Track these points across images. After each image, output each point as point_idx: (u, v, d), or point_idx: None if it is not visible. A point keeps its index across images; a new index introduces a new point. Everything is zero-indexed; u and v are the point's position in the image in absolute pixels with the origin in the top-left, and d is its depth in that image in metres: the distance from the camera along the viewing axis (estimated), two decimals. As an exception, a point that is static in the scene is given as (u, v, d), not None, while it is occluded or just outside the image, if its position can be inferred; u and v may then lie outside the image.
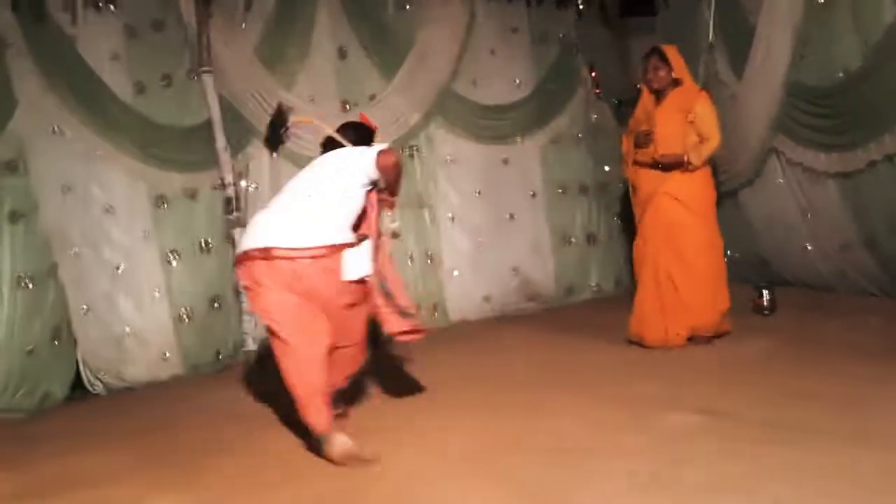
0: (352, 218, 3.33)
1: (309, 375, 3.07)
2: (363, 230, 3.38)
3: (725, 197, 5.82)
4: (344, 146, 3.44)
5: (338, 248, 3.23)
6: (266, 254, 3.12)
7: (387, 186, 3.39)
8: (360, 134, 3.59)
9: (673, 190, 4.30)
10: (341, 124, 3.67)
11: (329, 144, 3.53)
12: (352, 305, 3.35)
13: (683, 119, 4.27)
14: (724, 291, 4.31)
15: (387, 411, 3.65)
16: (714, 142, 4.26)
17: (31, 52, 4.66)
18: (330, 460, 2.96)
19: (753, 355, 3.93)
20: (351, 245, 3.29)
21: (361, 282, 3.34)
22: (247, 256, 3.20)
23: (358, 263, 3.30)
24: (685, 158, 4.27)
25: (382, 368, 4.61)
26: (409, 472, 2.80)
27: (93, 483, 3.07)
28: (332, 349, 3.20)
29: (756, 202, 5.71)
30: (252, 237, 3.25)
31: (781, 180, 5.41)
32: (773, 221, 5.59)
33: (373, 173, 3.25)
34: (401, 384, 4.15)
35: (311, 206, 3.23)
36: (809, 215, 5.19)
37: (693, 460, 2.60)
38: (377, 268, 3.37)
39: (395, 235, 3.58)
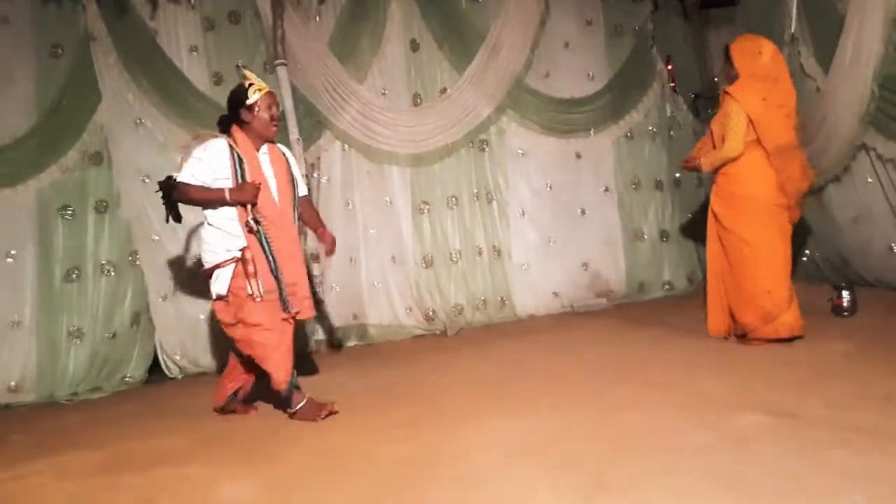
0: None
1: None
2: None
3: (809, 194, 5.59)
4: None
5: None
6: None
7: None
8: (220, 121, 3.70)
9: (717, 186, 4.25)
10: None
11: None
12: None
13: (717, 120, 4.19)
14: (757, 295, 4.05)
15: (452, 403, 3.64)
16: (725, 150, 4.06)
17: (114, 46, 4.87)
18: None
19: (830, 357, 3.76)
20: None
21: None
22: None
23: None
24: (697, 164, 4.26)
25: (447, 361, 4.64)
26: (473, 464, 2.79)
27: (169, 462, 3.17)
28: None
29: (842, 200, 5.47)
30: None
31: (870, 178, 5.16)
32: (858, 220, 5.35)
33: None
34: (466, 376, 4.15)
35: None
36: (899, 214, 4.95)
37: (761, 462, 2.50)
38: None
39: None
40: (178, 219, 3.63)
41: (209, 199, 3.48)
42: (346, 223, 5.54)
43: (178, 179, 3.47)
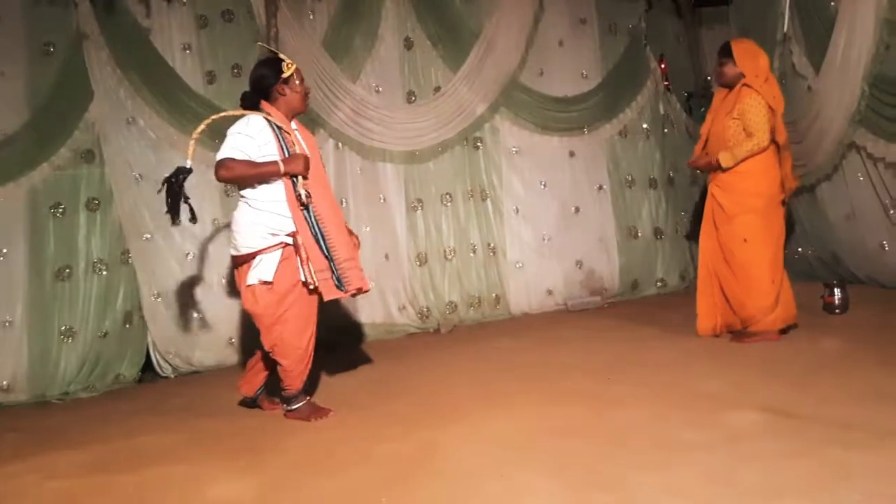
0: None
1: None
2: None
3: (803, 191, 5.64)
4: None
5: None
6: None
7: None
8: (245, 98, 3.57)
9: (717, 182, 4.25)
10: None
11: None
12: None
13: (729, 116, 4.16)
14: (762, 286, 4.09)
15: (445, 401, 3.64)
16: (754, 140, 4.05)
17: (107, 43, 4.84)
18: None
19: (822, 354, 3.77)
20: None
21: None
22: None
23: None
24: (714, 161, 4.18)
25: (440, 359, 4.63)
26: (466, 462, 2.79)
27: (161, 461, 3.15)
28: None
29: (834, 197, 5.49)
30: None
31: (861, 176, 5.18)
32: (850, 218, 5.37)
33: None
34: (460, 374, 4.15)
35: None
36: (892, 211, 4.95)
37: (755, 459, 2.51)
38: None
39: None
40: (175, 218, 3.38)
41: (261, 173, 3.32)
42: (339, 221, 5.53)
43: (222, 157, 3.29)
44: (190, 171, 3.36)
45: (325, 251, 3.39)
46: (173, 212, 3.35)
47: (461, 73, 5.69)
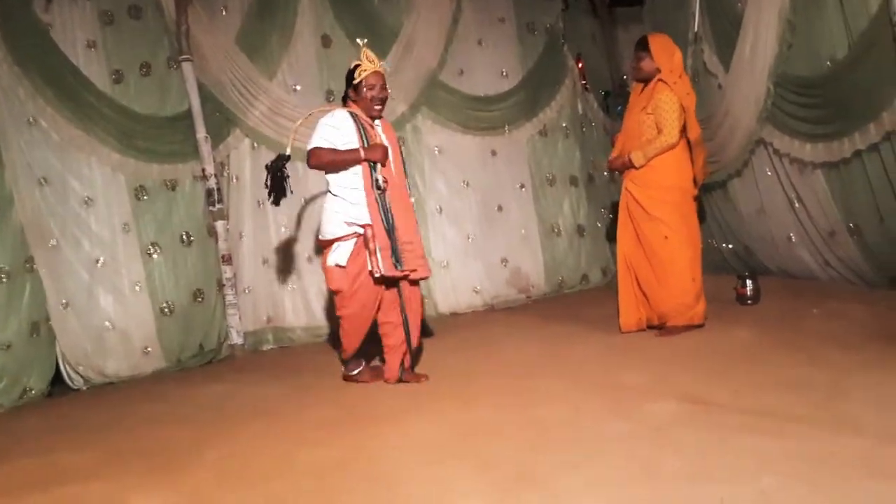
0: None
1: None
2: None
3: (715, 187, 5.82)
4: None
5: None
6: None
7: None
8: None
9: (631, 178, 4.30)
10: None
11: None
12: None
13: (644, 111, 4.23)
14: (682, 283, 4.17)
15: (371, 404, 3.60)
16: (665, 137, 4.13)
17: (4, 40, 4.56)
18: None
19: (736, 344, 3.90)
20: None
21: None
22: None
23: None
24: (627, 160, 4.25)
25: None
26: (391, 464, 2.76)
27: (73, 479, 2.99)
28: None
29: (745, 193, 5.69)
30: None
31: (769, 171, 5.38)
32: (760, 212, 5.57)
33: None
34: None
35: None
36: (797, 205, 5.17)
37: (675, 449, 2.56)
38: None
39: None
40: (278, 200, 3.92)
41: (344, 159, 3.71)
42: (257, 223, 5.40)
43: (311, 146, 3.71)
44: (289, 157, 3.91)
45: (389, 231, 3.76)
46: (277, 194, 3.91)
47: (381, 71, 5.64)
